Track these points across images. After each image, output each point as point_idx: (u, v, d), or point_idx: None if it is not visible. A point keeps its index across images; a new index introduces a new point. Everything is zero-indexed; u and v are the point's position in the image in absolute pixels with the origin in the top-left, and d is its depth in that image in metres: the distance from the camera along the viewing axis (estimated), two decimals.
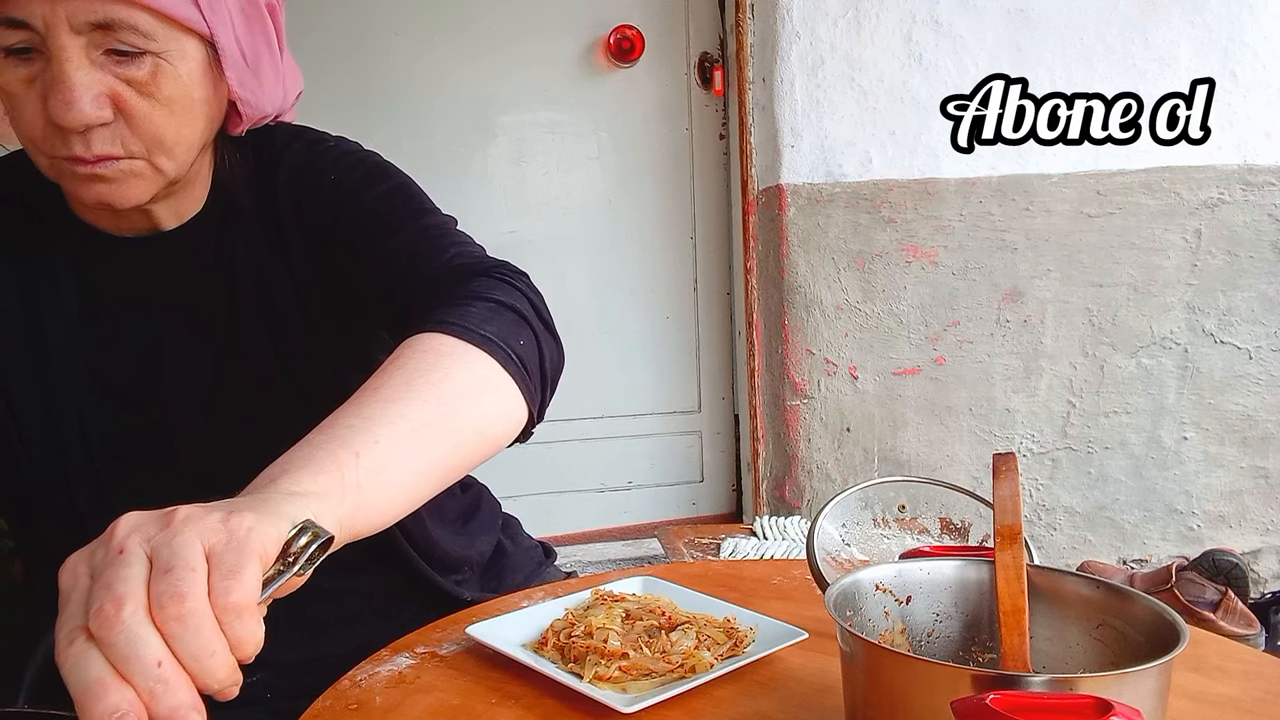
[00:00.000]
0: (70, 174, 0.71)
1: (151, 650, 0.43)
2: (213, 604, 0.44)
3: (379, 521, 0.60)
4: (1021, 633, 0.65)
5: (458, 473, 0.67)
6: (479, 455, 0.69)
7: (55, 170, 0.72)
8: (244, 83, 0.77)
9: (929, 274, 2.17)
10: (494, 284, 0.76)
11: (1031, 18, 2.15)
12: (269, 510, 0.49)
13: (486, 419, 0.69)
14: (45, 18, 0.65)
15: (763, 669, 0.78)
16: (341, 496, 0.55)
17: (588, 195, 2.29)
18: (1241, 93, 2.20)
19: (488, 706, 0.73)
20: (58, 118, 0.67)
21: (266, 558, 0.47)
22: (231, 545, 0.46)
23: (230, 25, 0.74)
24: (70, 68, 0.66)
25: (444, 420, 0.64)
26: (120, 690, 0.42)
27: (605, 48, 2.24)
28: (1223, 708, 0.70)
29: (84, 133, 0.68)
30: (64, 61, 0.66)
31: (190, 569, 0.44)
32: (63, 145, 0.69)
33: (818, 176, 2.13)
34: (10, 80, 0.68)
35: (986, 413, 2.21)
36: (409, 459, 0.61)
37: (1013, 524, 0.67)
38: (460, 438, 0.66)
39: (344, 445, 0.57)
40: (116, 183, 0.72)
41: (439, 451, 0.64)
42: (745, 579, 1.02)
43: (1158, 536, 2.27)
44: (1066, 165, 2.18)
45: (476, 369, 0.69)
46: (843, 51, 2.12)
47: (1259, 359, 2.25)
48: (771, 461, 2.24)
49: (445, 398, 0.65)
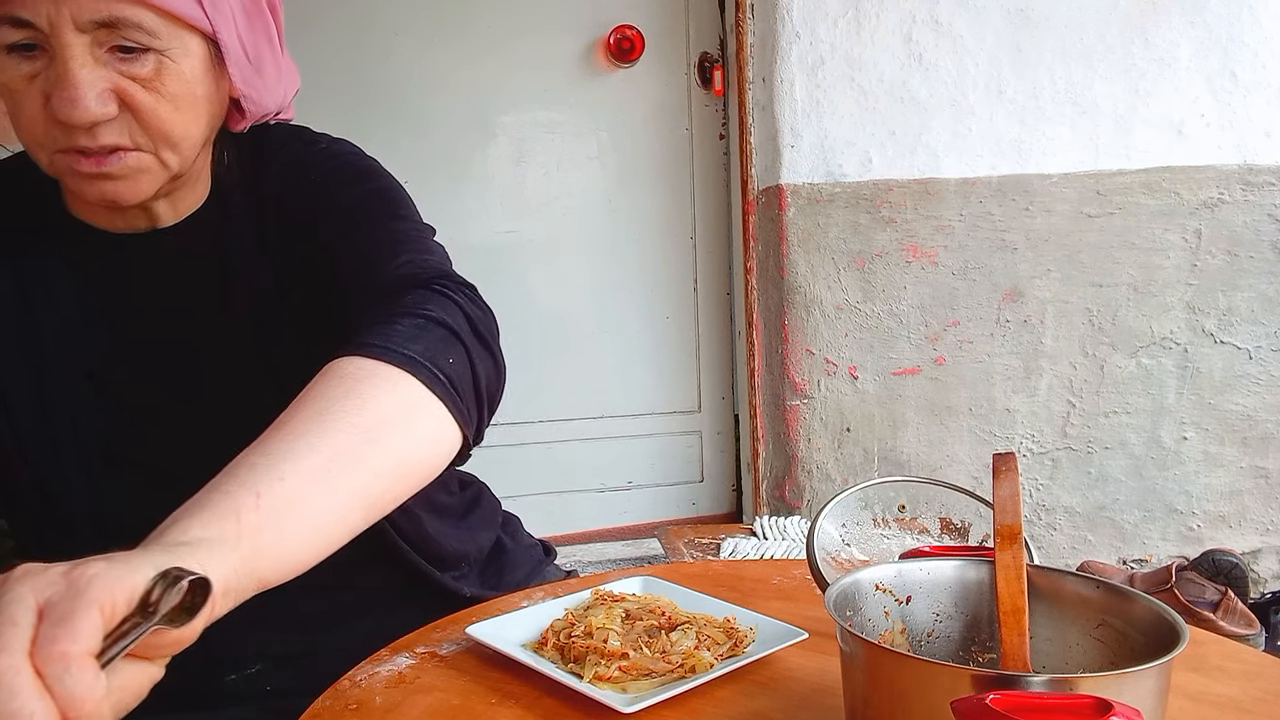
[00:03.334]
0: (73, 171, 0.71)
1: None
2: (36, 656, 0.41)
3: (291, 564, 0.56)
4: (1021, 633, 0.65)
5: (383, 504, 0.63)
6: (405, 484, 0.66)
7: (57, 167, 0.72)
8: (247, 80, 0.77)
9: (929, 274, 2.17)
10: (430, 297, 0.73)
11: (1031, 18, 2.15)
12: (129, 561, 0.46)
13: (411, 445, 0.66)
14: (50, 16, 0.65)
15: (763, 669, 0.78)
16: (236, 542, 0.51)
17: (588, 195, 2.29)
18: (1241, 93, 2.20)
19: (488, 706, 0.73)
20: (63, 115, 0.67)
21: (113, 607, 0.44)
22: (68, 595, 0.43)
23: (233, 23, 0.74)
24: (75, 65, 0.66)
25: (361, 449, 0.60)
26: None
27: (605, 48, 2.24)
28: (1223, 708, 0.70)
29: (88, 128, 0.68)
30: (69, 60, 0.66)
31: (12, 624, 0.41)
32: (66, 139, 0.69)
33: (818, 176, 2.13)
34: (13, 77, 0.68)
35: (986, 413, 2.21)
36: (320, 495, 0.57)
37: (1013, 524, 0.67)
38: (381, 466, 0.62)
39: (244, 486, 0.54)
40: (122, 179, 0.72)
41: (357, 483, 0.60)
42: (745, 579, 1.02)
43: (1158, 536, 2.27)
44: (1066, 165, 2.18)
45: (399, 392, 0.65)
46: (843, 51, 2.12)
47: (1259, 359, 2.25)
48: (771, 461, 2.24)
49: (362, 425, 0.61)
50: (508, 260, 2.25)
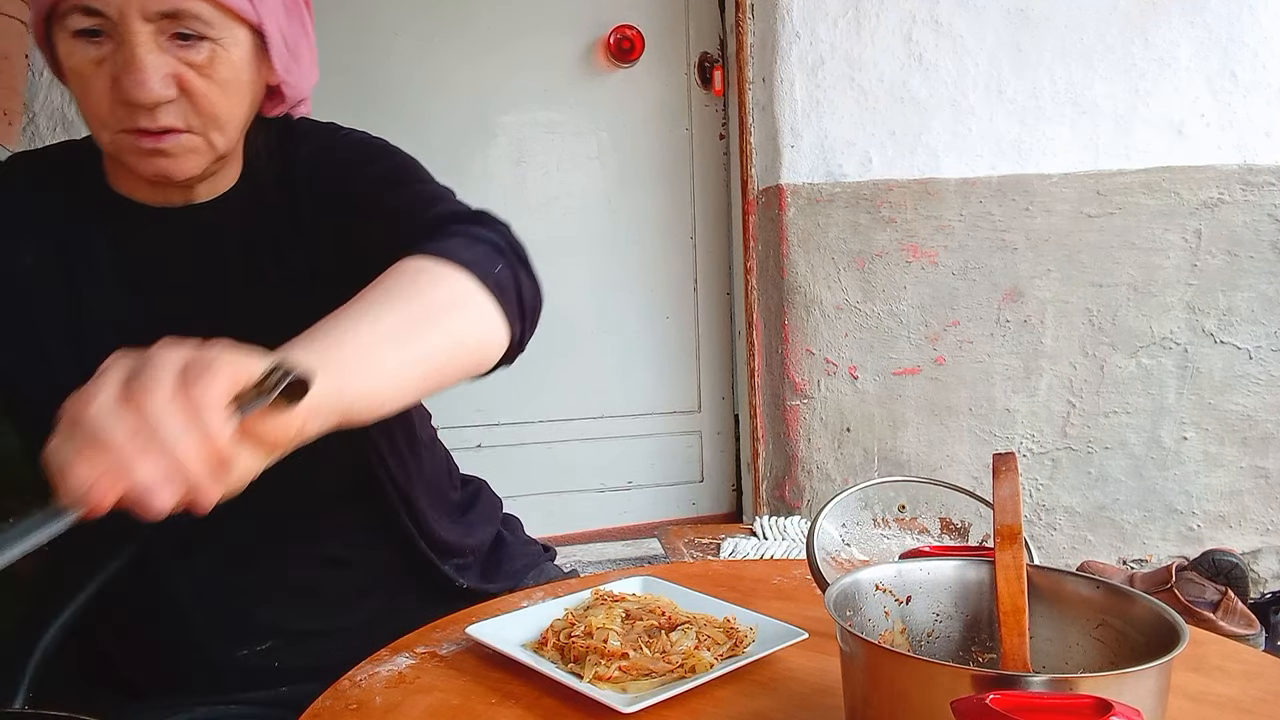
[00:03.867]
0: (134, 148, 0.78)
1: (118, 434, 0.48)
2: (181, 398, 0.49)
3: (369, 403, 0.63)
4: (1021, 633, 0.65)
5: (442, 375, 0.71)
6: (459, 364, 0.73)
7: (117, 145, 0.78)
8: (287, 68, 0.85)
9: (929, 274, 2.17)
10: (473, 225, 0.82)
11: (1031, 18, 2.15)
12: (248, 351, 0.54)
13: (467, 328, 0.74)
14: (120, 7, 0.72)
15: (763, 669, 0.79)
16: (325, 369, 0.57)
17: (588, 195, 2.29)
18: (1241, 93, 2.20)
19: (488, 706, 0.73)
20: (130, 95, 0.73)
21: (237, 376, 0.51)
22: (204, 360, 0.51)
23: (276, 16, 0.81)
24: (142, 51, 0.73)
25: (424, 323, 0.69)
26: (92, 465, 0.48)
27: (605, 48, 2.24)
28: (1223, 708, 0.70)
29: (151, 109, 0.75)
30: (136, 45, 0.73)
31: (160, 374, 0.50)
32: (129, 119, 0.76)
33: (818, 176, 2.13)
34: (81, 62, 0.75)
35: (986, 413, 2.21)
36: (392, 353, 0.65)
37: (1013, 524, 0.67)
38: (441, 341, 0.71)
39: (328, 336, 0.62)
40: (176, 157, 0.79)
41: (422, 349, 0.68)
42: (745, 579, 1.02)
43: (1158, 536, 2.27)
44: (1066, 165, 2.18)
45: (455, 286, 0.73)
46: (843, 51, 2.12)
47: (1259, 359, 2.25)
48: (771, 461, 2.24)
49: (425, 305, 0.70)
50: None
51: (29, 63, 1.90)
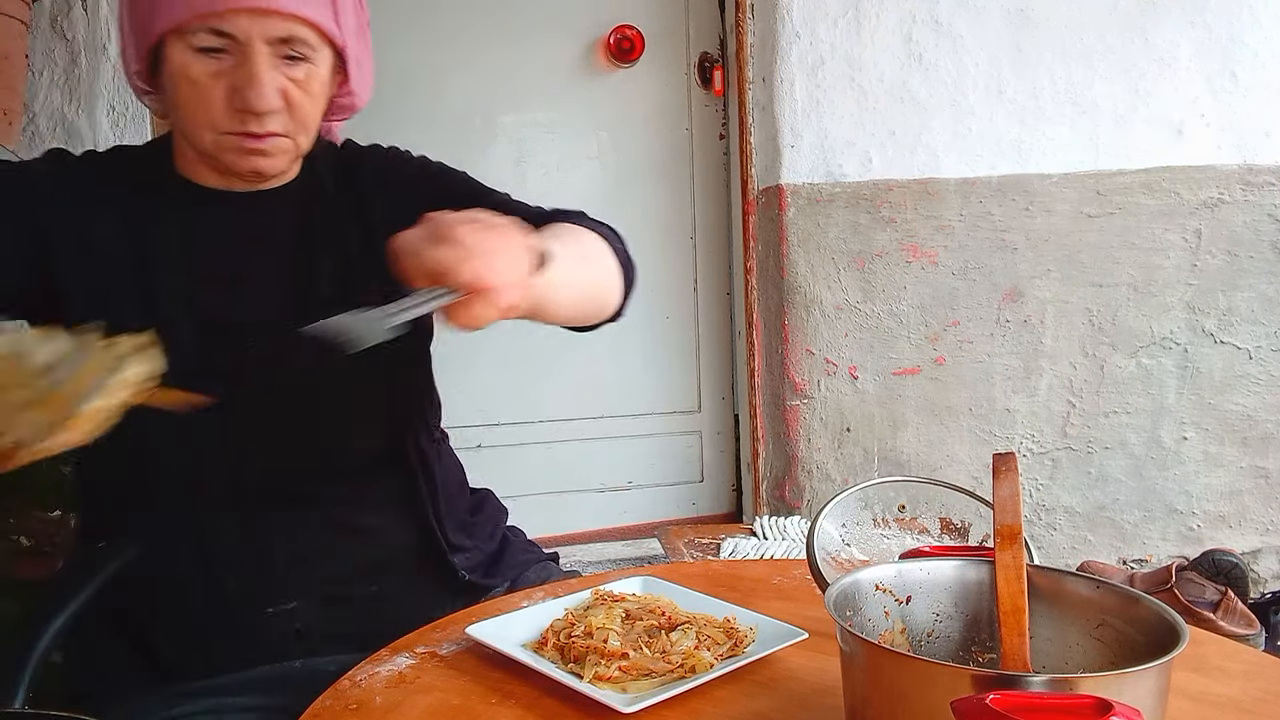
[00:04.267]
0: (237, 147, 0.90)
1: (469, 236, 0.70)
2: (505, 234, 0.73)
3: (554, 304, 0.85)
4: (1021, 633, 0.65)
5: (590, 306, 0.97)
6: (600, 304, 0.99)
7: (220, 144, 0.90)
8: (359, 81, 1.00)
9: (929, 274, 2.17)
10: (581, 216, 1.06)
11: (1031, 18, 2.15)
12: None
13: (610, 278, 1.00)
14: (247, 31, 0.86)
15: (763, 669, 0.79)
16: (555, 260, 0.80)
17: (588, 195, 2.29)
18: (1241, 93, 2.20)
19: (488, 706, 0.73)
20: (250, 105, 0.87)
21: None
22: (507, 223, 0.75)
23: (353, 38, 0.96)
24: (262, 69, 0.87)
25: (593, 261, 0.97)
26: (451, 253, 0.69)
27: (605, 48, 2.24)
28: (1223, 708, 0.70)
29: (261, 116, 0.88)
30: (257, 64, 0.87)
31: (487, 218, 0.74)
32: (240, 124, 0.89)
33: (818, 176, 2.13)
34: (199, 73, 0.87)
35: (986, 413, 2.21)
36: (579, 270, 0.92)
37: (1013, 524, 0.67)
38: (600, 278, 0.97)
39: (557, 238, 0.86)
40: (273, 156, 0.92)
41: (592, 277, 0.96)
42: (745, 579, 1.02)
43: (1158, 536, 2.27)
44: (1066, 165, 2.18)
45: (598, 244, 0.99)
46: (843, 51, 2.12)
47: (1259, 359, 2.25)
48: (771, 461, 2.24)
49: (589, 247, 0.97)
50: None
51: (29, 63, 1.90)
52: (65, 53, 1.95)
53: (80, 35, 1.94)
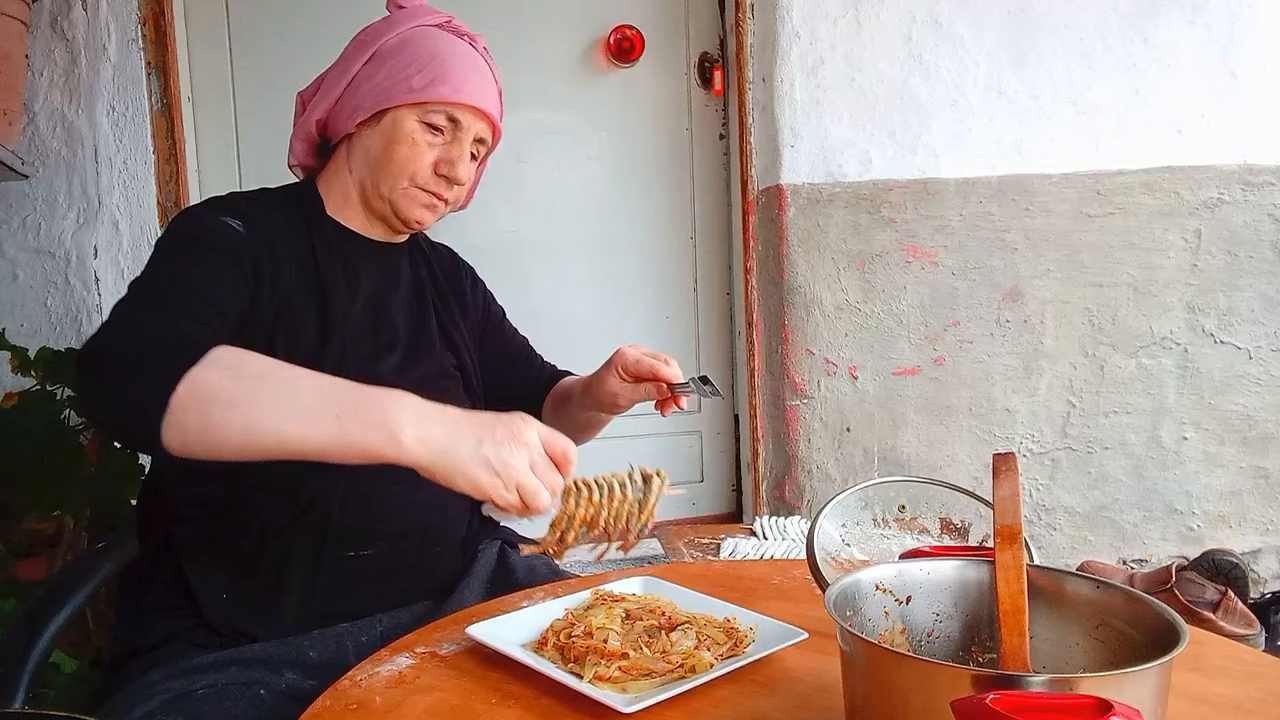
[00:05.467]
0: (415, 200, 1.14)
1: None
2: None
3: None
4: (1021, 633, 0.65)
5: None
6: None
7: (407, 194, 1.13)
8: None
9: (929, 274, 2.17)
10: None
11: (1031, 18, 2.15)
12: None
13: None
14: (468, 128, 1.14)
15: (763, 669, 0.79)
16: None
17: (588, 195, 2.29)
18: (1241, 93, 2.20)
19: (488, 706, 0.73)
20: (455, 174, 1.13)
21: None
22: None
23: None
24: (466, 152, 1.15)
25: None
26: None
27: (605, 48, 2.24)
28: (1223, 708, 0.70)
29: (452, 185, 1.14)
30: (465, 148, 1.15)
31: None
32: (434, 185, 1.13)
33: (818, 176, 2.13)
34: (420, 138, 1.12)
35: (986, 413, 2.21)
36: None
37: (1013, 524, 0.67)
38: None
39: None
40: (435, 212, 1.16)
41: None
42: (745, 579, 1.03)
43: (1158, 536, 2.27)
44: (1066, 165, 2.18)
45: None
46: (843, 51, 2.12)
47: (1259, 359, 2.25)
48: (771, 461, 2.24)
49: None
50: (508, 260, 2.24)
51: (29, 63, 1.90)
52: (65, 53, 1.95)
53: (80, 35, 1.94)
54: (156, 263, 1.01)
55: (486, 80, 1.16)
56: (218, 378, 0.82)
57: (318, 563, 1.02)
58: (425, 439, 0.80)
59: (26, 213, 1.95)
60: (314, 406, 0.81)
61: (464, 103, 1.12)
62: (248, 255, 1.03)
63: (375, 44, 1.14)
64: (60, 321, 1.97)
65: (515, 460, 0.82)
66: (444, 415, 0.82)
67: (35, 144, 1.94)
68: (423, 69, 1.11)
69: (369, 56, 1.14)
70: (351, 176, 1.16)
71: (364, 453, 0.80)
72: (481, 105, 1.14)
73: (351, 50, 1.17)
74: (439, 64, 1.11)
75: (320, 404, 0.81)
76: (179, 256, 1.01)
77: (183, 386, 0.81)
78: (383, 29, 1.16)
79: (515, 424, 0.84)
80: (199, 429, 0.81)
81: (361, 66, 1.14)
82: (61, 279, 1.96)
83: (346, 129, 1.15)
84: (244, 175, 2.14)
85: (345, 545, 1.04)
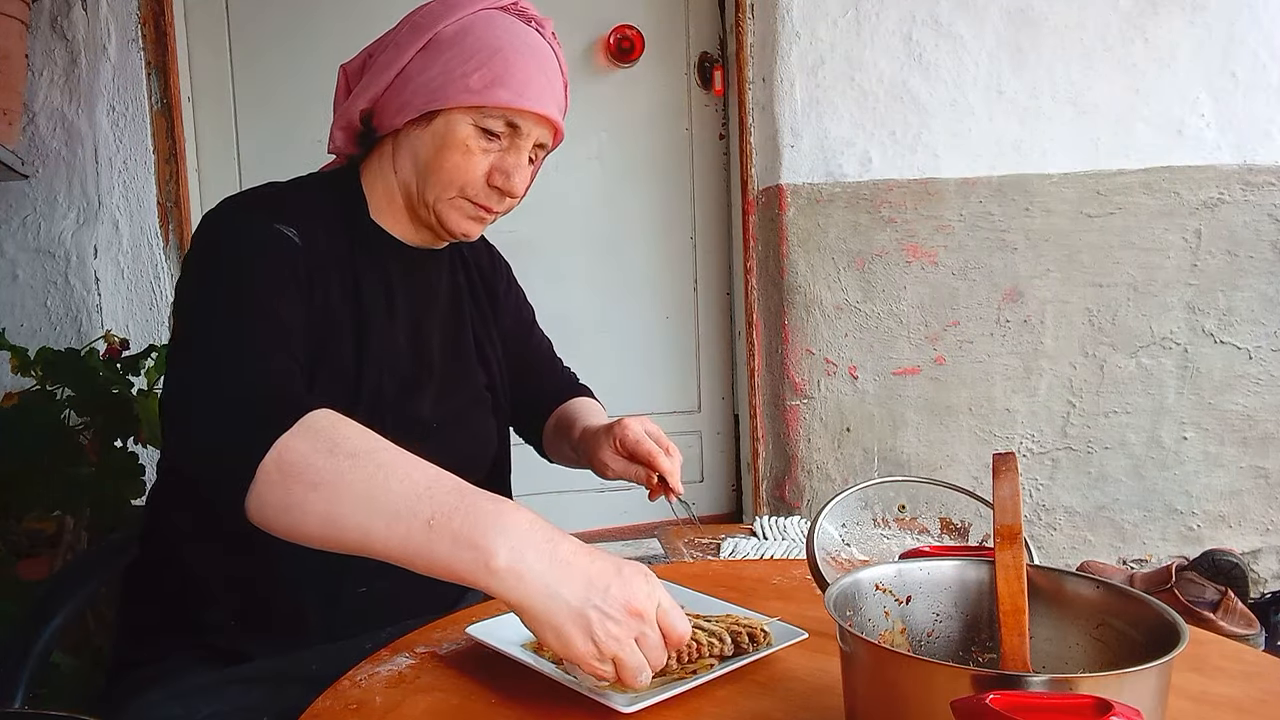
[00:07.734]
0: (463, 210, 1.04)
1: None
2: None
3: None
4: (1021, 633, 0.65)
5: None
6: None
7: (455, 205, 1.03)
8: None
9: (929, 274, 2.17)
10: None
11: (1031, 18, 2.15)
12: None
13: None
14: (528, 133, 1.01)
15: (763, 669, 0.79)
16: None
17: (588, 195, 2.29)
18: (1241, 93, 2.20)
19: (488, 706, 0.73)
20: (506, 186, 1.02)
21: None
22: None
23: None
24: (524, 159, 1.03)
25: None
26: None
27: (605, 48, 2.24)
28: (1223, 708, 0.70)
29: (505, 198, 1.03)
30: (523, 155, 1.03)
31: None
32: (484, 197, 1.03)
33: (817, 176, 2.13)
34: (475, 145, 1.00)
35: (986, 413, 2.21)
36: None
37: (1013, 524, 0.67)
38: None
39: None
40: (482, 224, 1.06)
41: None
42: (745, 579, 1.03)
43: (1158, 536, 2.27)
44: (1066, 165, 2.18)
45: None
46: (843, 51, 2.12)
47: (1259, 359, 2.25)
48: (771, 461, 2.24)
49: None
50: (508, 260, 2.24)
51: (29, 63, 1.90)
52: (65, 53, 1.95)
53: (80, 35, 1.94)
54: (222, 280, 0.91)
55: (553, 79, 1.03)
56: (308, 451, 0.74)
57: (336, 601, 0.98)
58: (522, 574, 0.68)
59: (26, 213, 1.95)
60: (406, 508, 0.71)
61: (526, 108, 0.99)
62: (304, 272, 0.95)
63: (431, 30, 1.00)
64: (60, 321, 1.97)
65: (622, 634, 0.68)
66: (554, 549, 0.70)
67: (35, 144, 1.94)
68: (483, 65, 0.97)
69: (423, 44, 1.00)
70: (396, 178, 1.05)
71: (451, 573, 0.70)
72: (545, 111, 1.00)
73: (405, 35, 1.02)
74: (501, 61, 0.97)
75: (414, 504, 0.71)
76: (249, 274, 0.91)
77: (269, 457, 0.74)
78: (441, 11, 1.01)
79: (634, 586, 0.70)
80: (280, 505, 0.74)
81: (414, 55, 1.00)
82: (61, 279, 1.96)
83: (394, 125, 1.02)
84: (244, 175, 2.14)
85: (362, 581, 0.98)
